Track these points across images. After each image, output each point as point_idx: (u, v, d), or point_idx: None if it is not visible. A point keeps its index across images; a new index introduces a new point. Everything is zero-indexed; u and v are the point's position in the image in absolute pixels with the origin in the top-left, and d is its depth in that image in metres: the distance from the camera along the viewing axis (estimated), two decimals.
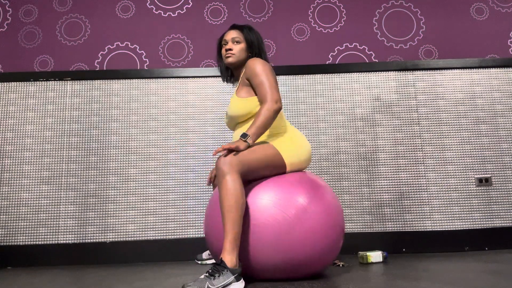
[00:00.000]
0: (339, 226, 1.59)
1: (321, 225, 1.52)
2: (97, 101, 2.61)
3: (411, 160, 2.55)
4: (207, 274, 1.36)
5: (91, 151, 2.54)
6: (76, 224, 2.45)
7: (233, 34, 1.85)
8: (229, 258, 1.40)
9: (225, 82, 1.99)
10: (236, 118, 1.77)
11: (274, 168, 1.64)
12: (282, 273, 1.52)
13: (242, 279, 1.43)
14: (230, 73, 1.95)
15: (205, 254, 2.26)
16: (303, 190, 1.57)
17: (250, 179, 1.62)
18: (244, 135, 1.58)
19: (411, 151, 2.56)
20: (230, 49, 1.82)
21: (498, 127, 2.58)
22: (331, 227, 1.55)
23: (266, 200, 1.53)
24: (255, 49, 1.83)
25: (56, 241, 2.42)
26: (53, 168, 2.51)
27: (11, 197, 2.47)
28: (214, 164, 2.26)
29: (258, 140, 1.69)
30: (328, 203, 1.58)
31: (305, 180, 1.62)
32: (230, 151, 1.54)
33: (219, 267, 1.38)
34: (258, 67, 1.70)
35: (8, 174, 2.50)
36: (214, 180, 1.96)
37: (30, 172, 2.50)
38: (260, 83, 1.68)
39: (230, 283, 1.36)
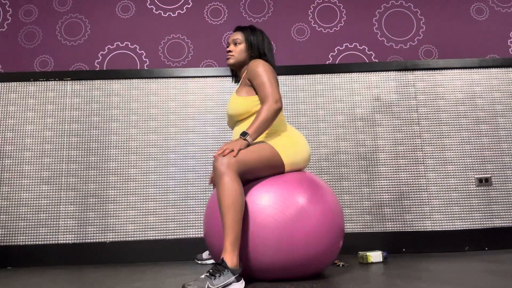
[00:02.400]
0: (338, 226, 1.59)
1: (320, 226, 1.52)
2: (97, 101, 2.61)
3: (411, 160, 2.55)
4: (208, 274, 1.36)
5: (91, 151, 2.54)
6: (76, 224, 2.45)
7: (234, 36, 1.90)
8: (230, 258, 1.41)
9: (234, 82, 2.08)
10: (234, 117, 1.79)
11: (273, 168, 1.64)
12: (281, 273, 1.52)
13: (242, 280, 1.43)
14: (235, 73, 2.01)
15: (205, 254, 2.26)
16: (302, 190, 1.57)
17: (249, 178, 1.62)
18: (244, 133, 1.60)
19: (411, 151, 2.56)
20: (230, 51, 1.88)
21: (498, 127, 2.58)
22: (330, 227, 1.55)
23: (265, 200, 1.53)
24: (255, 49, 1.85)
25: (56, 241, 2.42)
26: (53, 168, 2.51)
27: (11, 197, 2.47)
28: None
29: (257, 140, 1.70)
30: (327, 203, 1.59)
31: (304, 180, 1.62)
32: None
33: (219, 267, 1.38)
34: (259, 68, 1.73)
35: (8, 174, 2.50)
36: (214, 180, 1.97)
37: (30, 172, 2.50)
38: (261, 83, 1.71)
39: (230, 283, 1.37)
